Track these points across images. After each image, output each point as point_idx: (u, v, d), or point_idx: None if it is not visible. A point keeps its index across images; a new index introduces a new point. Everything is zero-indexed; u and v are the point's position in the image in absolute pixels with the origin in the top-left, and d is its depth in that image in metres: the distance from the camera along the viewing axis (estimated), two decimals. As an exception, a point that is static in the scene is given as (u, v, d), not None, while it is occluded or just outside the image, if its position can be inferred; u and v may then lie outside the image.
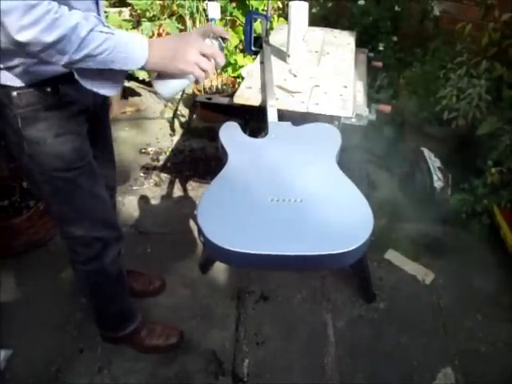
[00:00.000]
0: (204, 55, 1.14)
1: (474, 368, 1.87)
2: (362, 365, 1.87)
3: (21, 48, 0.97)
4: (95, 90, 1.13)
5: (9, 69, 1.12)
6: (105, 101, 1.51)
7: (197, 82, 1.21)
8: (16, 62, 1.11)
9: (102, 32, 1.02)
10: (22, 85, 1.16)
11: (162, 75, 1.19)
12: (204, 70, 1.15)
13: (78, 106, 1.29)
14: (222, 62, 1.19)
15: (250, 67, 2.07)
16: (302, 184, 1.15)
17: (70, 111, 1.27)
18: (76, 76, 1.09)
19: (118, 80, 1.15)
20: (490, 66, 2.59)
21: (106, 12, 3.19)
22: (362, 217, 1.05)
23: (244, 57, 3.32)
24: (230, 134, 1.36)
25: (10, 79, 1.14)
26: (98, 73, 1.09)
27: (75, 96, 1.25)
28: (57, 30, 0.95)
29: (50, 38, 0.95)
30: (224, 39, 1.25)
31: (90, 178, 1.41)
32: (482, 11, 2.57)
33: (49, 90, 1.20)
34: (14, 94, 1.17)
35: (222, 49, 1.25)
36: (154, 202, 2.72)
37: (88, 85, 1.12)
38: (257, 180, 1.16)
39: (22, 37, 0.93)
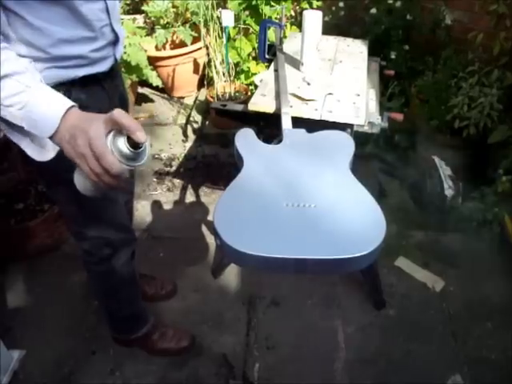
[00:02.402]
0: (92, 151, 0.87)
1: (483, 376, 1.87)
2: (371, 371, 1.88)
3: None
4: (22, 147, 1.02)
5: None
6: (122, 106, 1.53)
7: (108, 187, 0.93)
8: None
9: (18, 82, 0.92)
10: None
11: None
12: (91, 169, 0.88)
13: (90, 111, 1.31)
14: (110, 167, 0.85)
15: (264, 75, 2.09)
16: (316, 190, 1.17)
17: None
18: (1, 125, 1.00)
19: (44, 145, 1.00)
20: (501, 75, 2.60)
21: (121, 19, 3.23)
22: (374, 222, 1.06)
23: (257, 64, 3.35)
24: (246, 140, 1.38)
25: None
26: (20, 129, 0.96)
27: (87, 101, 1.25)
28: None
29: None
30: (135, 144, 0.87)
31: None
32: (494, 20, 2.57)
33: (61, 94, 1.22)
34: None
35: (131, 156, 0.88)
36: (166, 207, 2.74)
37: (13, 138, 1.02)
38: (272, 185, 1.17)
39: None
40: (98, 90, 1.25)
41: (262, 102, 1.75)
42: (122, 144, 0.86)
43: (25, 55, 1.07)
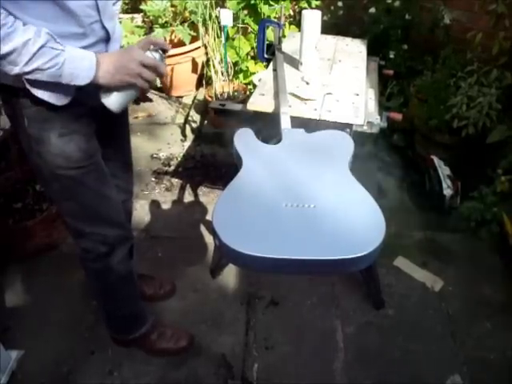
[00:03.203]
0: (146, 66, 1.22)
1: (482, 376, 1.87)
2: (370, 371, 1.88)
3: None
4: (46, 98, 1.20)
5: None
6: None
7: (143, 92, 1.31)
8: None
9: (52, 48, 1.09)
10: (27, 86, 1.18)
11: (109, 88, 1.24)
12: (147, 80, 1.23)
13: (83, 107, 1.31)
14: (163, 71, 1.27)
15: (263, 74, 2.09)
16: (315, 190, 1.17)
17: (74, 112, 1.29)
18: (26, 85, 1.16)
19: (68, 91, 1.22)
20: (500, 74, 2.60)
21: (119, 18, 3.23)
22: (374, 222, 1.06)
23: (255, 64, 3.34)
24: (245, 140, 1.38)
25: (17, 81, 1.16)
26: (48, 83, 1.15)
27: (81, 97, 1.26)
28: (9, 43, 1.03)
29: (3, 48, 1.03)
30: (164, 50, 1.29)
31: (96, 178, 1.43)
32: (493, 20, 2.57)
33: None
34: (21, 94, 1.20)
35: (162, 60, 1.29)
36: (165, 206, 2.74)
37: (38, 93, 1.18)
38: (271, 185, 1.17)
39: None
40: (91, 87, 1.25)
41: (260, 102, 1.75)
42: (158, 55, 1.27)
43: None
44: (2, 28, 1.01)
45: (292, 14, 3.61)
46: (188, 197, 2.81)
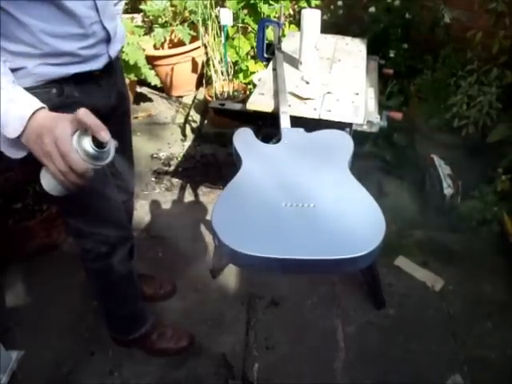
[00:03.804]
0: (59, 149, 0.89)
1: (483, 375, 1.86)
2: (371, 371, 1.88)
3: None
4: None
5: (13, 70, 1.14)
6: (121, 103, 1.53)
7: (67, 186, 0.96)
8: (19, 64, 1.13)
9: None
10: (27, 86, 1.17)
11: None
12: (58, 168, 0.90)
13: (84, 107, 1.30)
14: (75, 166, 0.88)
15: (263, 74, 2.09)
16: (315, 189, 1.16)
17: (74, 112, 1.29)
18: None
19: (16, 143, 0.97)
20: (500, 73, 2.60)
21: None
22: (374, 222, 1.06)
23: (255, 63, 3.34)
24: (244, 139, 1.38)
25: (17, 80, 1.16)
26: None
27: (80, 97, 1.26)
28: None
29: None
30: (100, 145, 0.89)
31: (97, 178, 1.42)
32: (493, 19, 2.57)
33: (54, 91, 1.21)
34: None
35: (96, 156, 0.90)
36: (165, 206, 2.74)
37: None
38: (270, 185, 1.17)
39: None
40: (93, 87, 1.24)
41: (260, 101, 1.74)
42: (87, 143, 0.88)
43: (13, 51, 1.07)
44: None
45: (292, 13, 3.60)
46: (188, 197, 2.81)
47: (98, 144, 0.88)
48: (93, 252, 1.56)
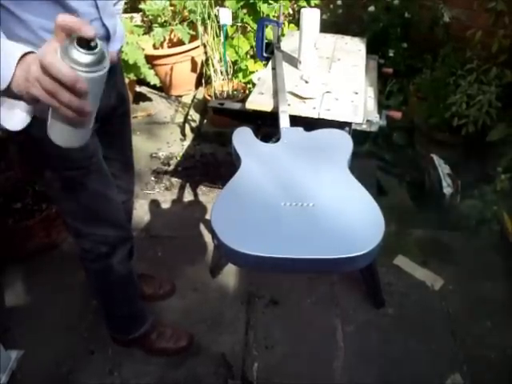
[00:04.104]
0: (50, 76, 0.72)
1: (482, 375, 1.86)
2: (370, 370, 1.87)
3: None
4: None
5: None
6: (121, 103, 1.53)
7: (68, 119, 0.80)
8: None
9: None
10: None
11: (51, 114, 0.84)
12: (49, 93, 0.73)
13: None
14: (71, 81, 0.70)
15: (262, 73, 2.09)
16: (314, 189, 1.16)
17: None
18: None
19: (12, 112, 0.88)
20: (500, 72, 2.59)
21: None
22: (373, 221, 1.06)
23: (255, 63, 3.34)
24: (243, 138, 1.38)
25: None
26: None
27: None
28: None
29: None
30: (88, 42, 0.72)
31: (97, 178, 1.43)
32: (493, 18, 2.57)
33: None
34: None
35: (89, 58, 0.72)
36: (164, 206, 2.74)
37: None
38: (269, 184, 1.17)
39: None
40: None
41: (259, 101, 1.74)
42: (72, 48, 0.71)
43: None
44: None
45: (291, 12, 3.60)
46: (188, 196, 2.81)
47: (87, 46, 0.72)
48: (92, 252, 1.56)
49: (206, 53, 3.41)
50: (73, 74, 0.71)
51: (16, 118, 0.88)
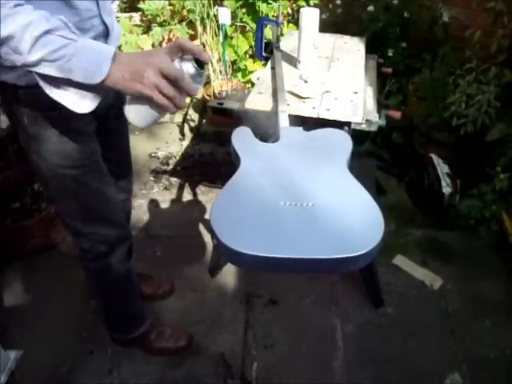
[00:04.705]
0: (166, 78, 0.95)
1: (482, 374, 1.87)
2: (369, 370, 1.88)
3: None
4: (64, 103, 1.04)
5: (14, 68, 1.14)
6: (118, 102, 1.52)
7: (166, 111, 1.02)
8: None
9: (61, 36, 0.94)
10: (28, 84, 1.17)
11: (132, 99, 1.04)
12: (167, 97, 0.96)
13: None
14: (190, 89, 0.98)
15: (261, 73, 2.09)
16: (314, 188, 1.16)
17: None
18: (40, 83, 1.01)
19: (84, 96, 1.04)
20: (499, 72, 2.59)
21: (117, 17, 3.22)
22: (372, 221, 1.06)
23: (254, 62, 3.34)
24: (243, 138, 1.38)
25: (16, 79, 1.16)
26: (62, 83, 1.00)
27: None
28: (8, 25, 0.90)
29: (1, 32, 0.90)
30: (201, 63, 1.00)
31: (96, 177, 1.43)
32: (492, 18, 2.57)
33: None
34: (21, 92, 1.19)
35: (198, 75, 1.00)
36: (163, 205, 2.73)
37: (53, 95, 1.03)
38: (269, 184, 1.17)
39: None
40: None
41: (258, 100, 1.74)
42: (190, 66, 0.98)
43: None
44: (1, 8, 0.90)
45: (290, 12, 3.60)
46: (187, 196, 2.81)
47: (201, 66, 0.99)
48: (91, 252, 1.56)
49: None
50: (194, 87, 0.99)
51: (84, 104, 1.04)
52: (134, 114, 1.05)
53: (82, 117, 1.31)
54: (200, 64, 0.99)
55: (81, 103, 1.04)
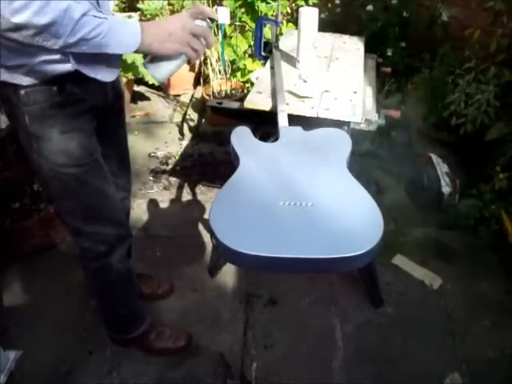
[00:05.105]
0: (195, 35, 1.19)
1: (481, 374, 1.86)
2: (369, 369, 1.87)
3: (20, 32, 0.98)
4: (92, 75, 1.20)
5: (15, 68, 1.14)
6: (117, 100, 1.52)
7: (189, 62, 1.26)
8: (20, 61, 1.13)
9: (95, 16, 1.04)
10: (29, 83, 1.17)
11: (155, 58, 1.22)
12: (195, 50, 1.21)
13: (84, 104, 1.30)
14: (211, 41, 1.24)
15: (260, 72, 2.09)
16: (313, 188, 1.16)
17: (76, 109, 1.29)
18: (72, 62, 1.14)
19: (113, 64, 1.25)
20: (498, 71, 2.59)
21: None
22: (372, 221, 1.06)
23: (253, 62, 3.34)
24: (242, 138, 1.38)
25: (18, 78, 1.16)
26: (92, 57, 1.12)
27: (81, 94, 1.26)
28: (49, 12, 0.97)
29: (42, 20, 0.96)
30: (212, 20, 1.26)
31: (97, 176, 1.43)
32: (491, 17, 2.57)
33: (55, 88, 1.21)
34: (22, 92, 1.19)
35: (209, 29, 1.26)
36: (163, 205, 2.73)
37: (85, 70, 1.17)
38: (268, 184, 1.17)
39: (16, 19, 0.94)
40: (92, 84, 1.24)
41: (258, 100, 1.74)
42: (206, 24, 1.24)
43: (14, 49, 1.07)
44: None
45: (289, 11, 3.60)
46: (186, 196, 2.81)
47: (211, 21, 1.26)
48: (92, 251, 1.56)
49: (204, 52, 3.41)
50: (212, 36, 1.25)
51: (111, 74, 1.28)
52: (159, 71, 1.24)
53: (83, 115, 1.32)
54: (211, 21, 1.25)
55: (109, 73, 1.25)
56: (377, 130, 1.73)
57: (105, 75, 1.23)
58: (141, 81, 3.46)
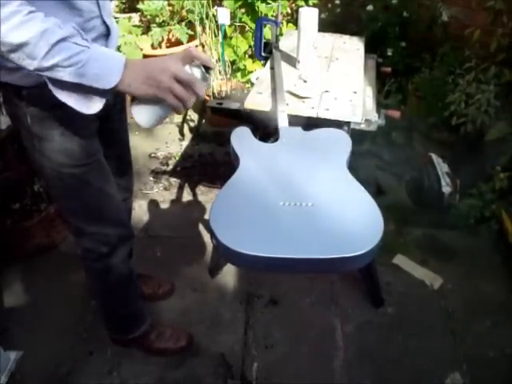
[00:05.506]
0: (180, 82, 1.05)
1: (482, 373, 1.86)
2: (370, 369, 1.87)
3: None
4: (70, 104, 1.08)
5: (17, 69, 1.14)
6: (119, 101, 1.52)
7: (176, 111, 1.10)
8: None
9: (75, 44, 0.99)
10: (31, 84, 1.17)
11: (140, 101, 1.12)
12: (179, 99, 1.06)
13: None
14: (200, 91, 1.07)
15: (260, 73, 2.09)
16: (313, 188, 1.16)
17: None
18: (49, 85, 1.06)
19: (91, 98, 1.09)
20: (498, 71, 2.59)
21: (116, 18, 3.22)
22: (372, 221, 1.06)
23: (253, 62, 3.34)
24: (242, 138, 1.38)
25: (20, 79, 1.16)
26: (71, 85, 1.04)
27: None
28: (23, 32, 0.94)
29: (15, 39, 0.94)
30: (207, 68, 1.12)
31: (99, 176, 1.43)
32: (491, 17, 2.57)
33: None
34: (24, 93, 1.20)
35: (204, 79, 1.12)
36: (163, 206, 2.73)
37: (61, 97, 1.07)
38: (268, 184, 1.17)
39: None
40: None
41: (258, 100, 1.74)
42: (199, 71, 1.10)
43: None
44: (15, 16, 0.93)
45: (289, 11, 3.60)
46: (186, 196, 2.81)
47: (207, 71, 1.12)
48: (94, 252, 1.56)
49: (204, 52, 3.41)
50: (204, 87, 1.08)
51: (91, 106, 1.10)
52: (141, 115, 1.12)
53: (86, 116, 1.31)
54: (206, 69, 1.11)
55: (88, 105, 1.09)
56: (377, 130, 1.73)
57: (82, 107, 1.10)
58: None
